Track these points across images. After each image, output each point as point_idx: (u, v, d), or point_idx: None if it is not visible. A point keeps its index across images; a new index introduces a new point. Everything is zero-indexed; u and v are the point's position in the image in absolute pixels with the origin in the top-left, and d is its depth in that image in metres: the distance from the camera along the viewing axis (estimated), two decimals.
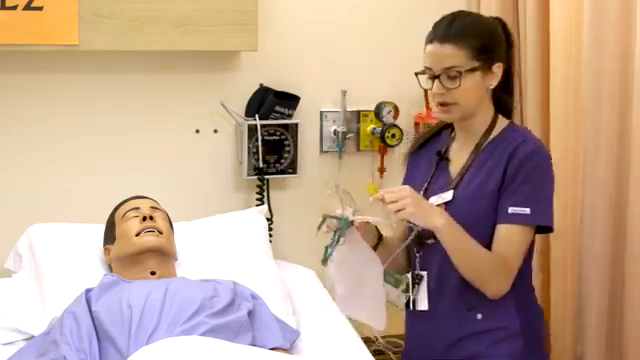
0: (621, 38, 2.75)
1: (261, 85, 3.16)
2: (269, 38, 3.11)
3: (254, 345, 2.38)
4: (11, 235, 2.83)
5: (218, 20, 2.95)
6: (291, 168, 3.19)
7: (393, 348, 2.86)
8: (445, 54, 2.24)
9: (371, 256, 2.30)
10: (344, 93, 3.22)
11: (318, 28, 3.23)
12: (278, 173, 3.17)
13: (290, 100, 3.15)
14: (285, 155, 3.17)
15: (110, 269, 2.63)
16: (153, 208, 2.67)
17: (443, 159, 2.41)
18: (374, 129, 3.26)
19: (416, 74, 2.33)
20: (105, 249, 2.66)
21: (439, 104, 2.29)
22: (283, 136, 3.16)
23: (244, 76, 3.15)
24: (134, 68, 3.05)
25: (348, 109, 3.25)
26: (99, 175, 3.03)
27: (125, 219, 2.62)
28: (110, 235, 2.65)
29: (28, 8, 2.76)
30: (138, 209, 2.64)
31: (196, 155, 3.15)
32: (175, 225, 2.75)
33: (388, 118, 3.21)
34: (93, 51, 2.89)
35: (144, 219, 2.60)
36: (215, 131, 3.16)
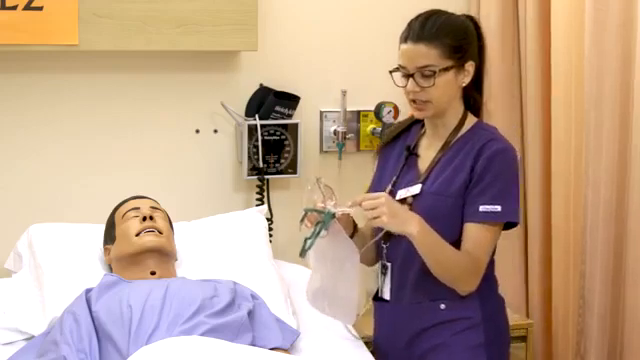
0: (622, 38, 2.75)
1: (261, 85, 3.16)
2: (269, 38, 3.11)
3: (254, 345, 2.38)
4: (11, 235, 2.83)
5: (218, 20, 2.95)
6: (291, 168, 3.19)
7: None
8: (419, 53, 2.29)
9: (351, 247, 2.32)
10: (344, 93, 3.22)
11: (318, 28, 3.23)
12: (278, 173, 3.17)
13: (290, 100, 3.15)
14: (285, 155, 3.17)
15: (110, 269, 2.63)
16: (153, 208, 2.67)
17: (412, 154, 2.46)
18: (374, 129, 3.26)
19: (390, 72, 2.37)
20: (105, 249, 2.66)
21: (412, 101, 2.35)
22: (283, 136, 3.15)
23: (244, 76, 3.15)
24: (134, 68, 3.04)
25: (348, 109, 3.25)
26: (99, 175, 3.02)
27: (125, 219, 2.62)
28: (110, 235, 2.65)
29: (28, 8, 2.76)
30: (138, 209, 2.64)
31: (196, 155, 3.14)
32: (175, 225, 2.75)
33: (388, 118, 3.20)
34: (93, 51, 2.89)
35: (144, 219, 2.60)
36: (215, 131, 3.16)
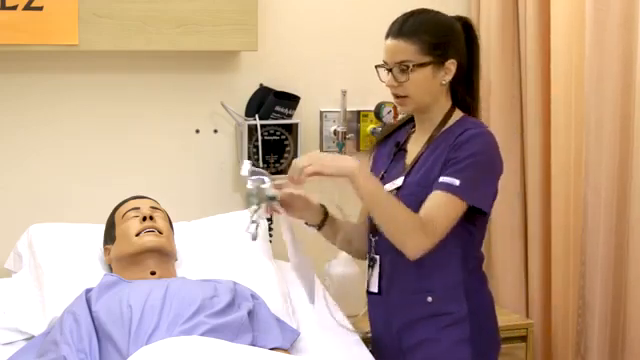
0: (622, 38, 2.75)
1: (261, 85, 3.16)
2: (269, 38, 3.11)
3: (254, 345, 2.38)
4: (11, 235, 2.83)
5: (218, 20, 2.95)
6: None
7: None
8: (397, 49, 2.35)
9: (292, 235, 2.37)
10: (344, 93, 3.22)
11: (318, 28, 3.23)
12: (278, 173, 3.17)
13: (290, 100, 3.15)
14: (285, 155, 3.17)
15: (110, 269, 2.63)
16: (153, 208, 2.67)
17: (401, 150, 2.49)
18: (374, 129, 3.26)
19: (376, 67, 2.42)
20: (105, 249, 2.66)
21: (393, 95, 2.40)
22: (283, 136, 3.15)
23: (244, 76, 3.15)
24: (134, 68, 3.04)
25: (348, 109, 3.24)
26: (99, 175, 3.02)
27: (125, 219, 2.62)
28: (110, 235, 2.65)
29: (28, 8, 2.76)
30: (138, 209, 2.64)
31: (196, 155, 3.14)
32: (175, 225, 2.75)
33: (388, 118, 3.20)
34: (93, 51, 2.89)
35: (144, 219, 2.60)
36: (215, 131, 3.16)
